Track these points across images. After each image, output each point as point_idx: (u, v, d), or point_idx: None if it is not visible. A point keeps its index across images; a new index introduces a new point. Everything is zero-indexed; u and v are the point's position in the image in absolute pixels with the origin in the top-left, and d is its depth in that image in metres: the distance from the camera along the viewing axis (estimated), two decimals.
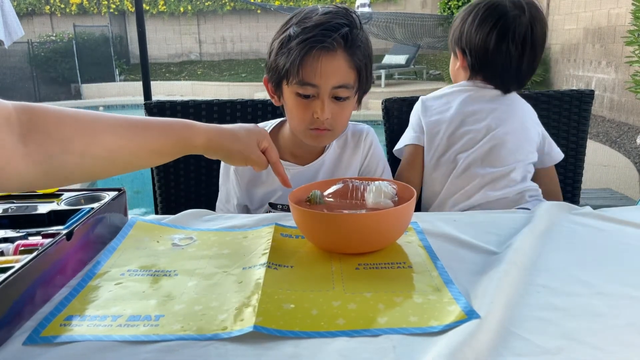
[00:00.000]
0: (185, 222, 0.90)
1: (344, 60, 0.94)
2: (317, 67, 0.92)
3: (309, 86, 0.94)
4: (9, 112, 0.58)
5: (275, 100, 1.05)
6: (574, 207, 0.92)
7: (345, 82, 0.95)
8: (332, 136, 1.03)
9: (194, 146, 0.77)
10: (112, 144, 0.67)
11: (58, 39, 10.86)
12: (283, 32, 0.97)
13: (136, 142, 0.70)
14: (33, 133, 0.60)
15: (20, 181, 0.60)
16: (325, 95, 0.95)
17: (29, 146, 0.59)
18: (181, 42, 12.53)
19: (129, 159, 0.70)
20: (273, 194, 1.09)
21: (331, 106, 0.96)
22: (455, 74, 1.27)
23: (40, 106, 0.63)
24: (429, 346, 0.52)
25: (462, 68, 1.23)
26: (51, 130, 0.61)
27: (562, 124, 1.33)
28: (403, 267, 0.70)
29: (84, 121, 0.65)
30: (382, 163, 1.13)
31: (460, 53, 1.21)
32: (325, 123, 0.97)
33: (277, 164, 0.87)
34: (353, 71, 0.96)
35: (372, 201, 0.77)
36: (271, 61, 0.99)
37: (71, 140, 0.63)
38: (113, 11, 12.09)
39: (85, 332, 0.55)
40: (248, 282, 0.66)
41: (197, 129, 0.77)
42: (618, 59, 5.74)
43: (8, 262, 0.61)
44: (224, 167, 1.14)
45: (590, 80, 6.44)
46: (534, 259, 0.71)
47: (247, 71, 11.53)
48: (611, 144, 4.90)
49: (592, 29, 6.38)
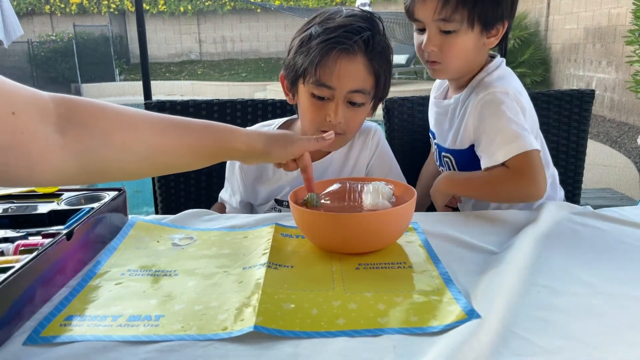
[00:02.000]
0: (185, 222, 0.90)
1: (363, 64, 0.93)
2: (335, 68, 0.92)
3: (325, 88, 0.93)
4: (44, 102, 0.57)
5: (290, 99, 1.05)
6: (574, 207, 0.92)
7: (362, 87, 0.95)
8: (344, 140, 1.02)
9: (235, 149, 0.74)
10: (153, 141, 0.65)
11: (58, 38, 10.87)
12: (305, 30, 0.97)
13: (177, 141, 0.67)
14: (72, 124, 0.57)
15: (57, 174, 0.57)
16: (340, 99, 0.94)
17: (67, 137, 0.57)
18: (181, 41, 12.53)
19: (169, 159, 0.68)
20: (280, 191, 1.09)
21: (345, 110, 0.95)
22: (475, 51, 1.00)
23: (79, 98, 0.61)
24: (430, 346, 0.52)
25: (495, 40, 1.00)
26: (90, 122, 0.59)
27: (563, 124, 1.33)
28: (403, 267, 0.70)
29: (125, 115, 0.63)
30: (389, 162, 1.12)
31: (507, 18, 0.98)
32: (337, 127, 0.96)
33: (308, 167, 0.82)
34: (371, 77, 0.95)
35: (370, 202, 0.77)
36: (289, 58, 0.99)
37: (111, 133, 0.60)
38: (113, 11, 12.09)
39: (86, 332, 0.55)
40: (248, 282, 0.66)
41: (238, 133, 0.75)
42: (618, 58, 5.74)
43: (8, 262, 0.61)
44: (230, 163, 1.14)
45: (591, 80, 6.43)
46: (535, 259, 0.71)
47: (247, 71, 11.53)
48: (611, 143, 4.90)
49: (592, 28, 6.38)
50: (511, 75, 1.04)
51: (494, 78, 1.01)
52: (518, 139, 0.93)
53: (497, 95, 0.96)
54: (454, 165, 1.08)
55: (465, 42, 0.97)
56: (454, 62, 1.00)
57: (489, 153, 0.96)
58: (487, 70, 1.03)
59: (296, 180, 1.04)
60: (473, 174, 1.00)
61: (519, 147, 0.92)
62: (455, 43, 0.97)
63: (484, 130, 0.97)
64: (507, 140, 0.93)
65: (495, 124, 0.95)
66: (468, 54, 1.00)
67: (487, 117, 0.96)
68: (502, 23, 0.98)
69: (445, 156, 1.09)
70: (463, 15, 0.94)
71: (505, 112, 0.95)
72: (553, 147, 1.33)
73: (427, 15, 0.96)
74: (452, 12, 0.94)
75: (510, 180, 0.94)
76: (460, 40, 0.97)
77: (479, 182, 0.99)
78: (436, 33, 0.97)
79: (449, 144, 1.07)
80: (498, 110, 0.95)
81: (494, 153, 0.94)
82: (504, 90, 0.97)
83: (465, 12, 0.94)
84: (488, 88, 0.98)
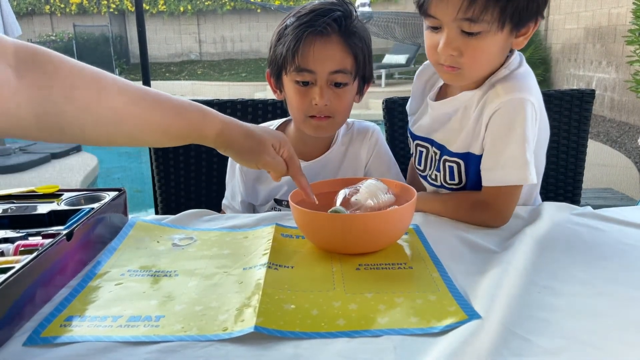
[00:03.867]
0: (185, 222, 0.89)
1: (338, 44, 0.95)
2: (312, 52, 0.93)
3: (306, 72, 0.95)
4: (5, 45, 0.53)
5: (278, 95, 1.06)
6: (574, 207, 0.92)
7: (341, 67, 0.95)
8: (333, 125, 1.02)
9: (205, 136, 0.71)
10: (120, 108, 0.60)
11: (58, 38, 10.87)
12: (281, 25, 1.00)
13: (146, 114, 0.63)
14: (31, 69, 0.53)
15: (8, 120, 0.53)
16: (323, 81, 0.95)
17: (23, 80, 0.53)
18: (181, 41, 12.53)
19: (134, 131, 0.63)
20: (279, 190, 1.09)
21: (329, 93, 0.96)
22: (500, 53, 0.89)
23: (48, 50, 0.57)
24: (430, 347, 0.52)
25: (524, 40, 0.88)
26: (52, 71, 0.55)
27: (563, 124, 1.33)
28: (404, 268, 0.70)
29: (94, 74, 0.59)
30: (387, 161, 1.12)
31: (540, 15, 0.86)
32: (324, 110, 0.97)
33: (298, 176, 0.81)
34: (349, 56, 0.96)
35: (368, 200, 0.77)
36: (271, 54, 1.00)
37: (74, 88, 0.56)
38: (113, 11, 12.08)
39: (86, 333, 0.55)
40: (248, 282, 0.66)
41: (211, 118, 0.70)
42: (619, 58, 5.74)
43: (8, 263, 0.61)
44: (231, 164, 1.15)
45: (591, 80, 6.43)
46: (535, 259, 0.71)
47: (247, 71, 11.53)
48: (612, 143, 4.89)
49: (592, 28, 6.38)
50: (532, 75, 0.92)
51: (518, 77, 0.89)
52: (522, 168, 0.85)
53: (522, 103, 0.85)
54: (461, 172, 0.94)
55: (492, 44, 0.84)
56: (476, 68, 0.87)
57: (491, 169, 0.88)
58: (508, 67, 0.90)
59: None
60: (446, 200, 0.94)
61: (519, 178, 0.85)
62: (480, 47, 0.84)
63: (497, 138, 0.87)
64: (511, 164, 0.85)
65: (509, 138, 0.85)
66: (493, 58, 0.88)
67: (504, 125, 0.86)
68: (535, 20, 0.85)
69: (451, 161, 0.95)
70: (494, 14, 0.80)
71: (524, 128, 0.84)
72: (553, 147, 1.33)
73: (448, 13, 0.82)
74: (481, 11, 0.79)
75: (480, 209, 0.87)
76: (487, 43, 0.83)
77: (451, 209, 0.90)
78: (457, 34, 0.83)
79: (459, 147, 0.93)
80: (516, 122, 0.85)
81: (496, 174, 0.87)
82: (529, 97, 0.85)
83: (496, 11, 0.80)
84: (513, 91, 0.85)
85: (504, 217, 0.86)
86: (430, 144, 1.01)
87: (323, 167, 1.08)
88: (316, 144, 1.08)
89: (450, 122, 0.96)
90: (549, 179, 1.33)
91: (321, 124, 0.99)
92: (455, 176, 0.95)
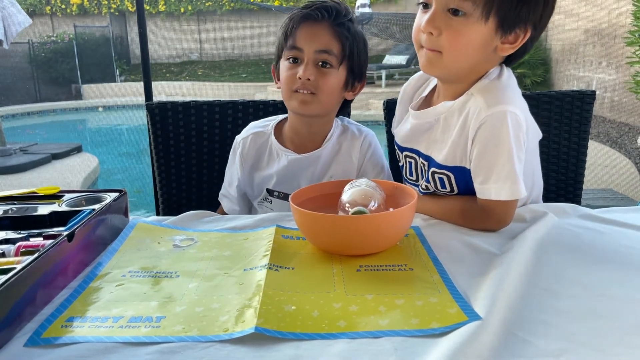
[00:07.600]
0: (186, 223, 0.90)
1: (327, 29, 1.03)
2: (302, 32, 1.04)
3: (295, 49, 1.04)
4: None
5: (278, 84, 1.11)
6: (575, 208, 0.92)
7: (327, 47, 1.03)
8: (317, 103, 1.04)
9: None
10: None
11: (59, 39, 10.87)
12: (285, 19, 1.09)
13: None
14: None
15: None
16: (309, 59, 1.03)
17: None
18: (181, 42, 12.54)
19: None
20: (269, 180, 1.12)
21: (314, 70, 1.03)
22: (482, 49, 0.86)
23: None
24: (430, 348, 0.52)
25: (510, 48, 0.87)
26: None
27: (564, 125, 1.33)
28: (404, 269, 0.70)
29: None
30: (378, 168, 1.14)
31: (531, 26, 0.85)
32: (307, 84, 1.02)
33: None
34: (336, 41, 1.03)
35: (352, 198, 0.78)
36: (276, 47, 1.10)
37: None
38: (113, 11, 12.10)
39: (87, 334, 0.56)
40: (249, 283, 0.66)
41: None
42: (619, 59, 5.74)
43: (9, 264, 0.61)
44: (232, 152, 1.18)
45: (591, 81, 6.43)
46: (535, 261, 0.71)
47: (248, 71, 11.53)
48: (612, 144, 4.89)
49: (592, 29, 6.38)
50: (513, 84, 0.91)
51: (500, 86, 0.88)
52: (514, 183, 0.84)
53: (504, 116, 0.83)
54: (452, 182, 0.93)
55: (474, 33, 0.83)
56: (455, 53, 0.85)
57: (483, 183, 0.86)
58: (488, 77, 0.89)
59: (284, 170, 1.10)
60: (447, 205, 0.92)
61: (512, 193, 0.84)
62: (460, 30, 0.82)
63: (484, 153, 0.86)
64: (502, 179, 0.84)
65: (496, 153, 0.84)
66: (474, 50, 0.85)
67: (491, 140, 0.85)
68: (523, 29, 0.84)
69: (440, 173, 0.93)
70: None
71: (509, 142, 0.83)
72: (554, 147, 1.33)
73: None
74: None
75: (480, 218, 0.86)
76: (469, 28, 0.82)
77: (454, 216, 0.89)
78: (441, 12, 0.82)
79: (446, 160, 0.91)
80: (501, 137, 0.84)
81: (488, 188, 0.86)
82: (512, 109, 0.84)
83: None
84: (495, 104, 0.84)
85: (504, 223, 0.86)
86: (417, 155, 1.00)
87: (314, 162, 1.11)
88: (311, 138, 1.12)
89: (431, 132, 0.95)
90: (550, 179, 1.33)
91: (305, 99, 1.04)
92: (446, 186, 0.94)
